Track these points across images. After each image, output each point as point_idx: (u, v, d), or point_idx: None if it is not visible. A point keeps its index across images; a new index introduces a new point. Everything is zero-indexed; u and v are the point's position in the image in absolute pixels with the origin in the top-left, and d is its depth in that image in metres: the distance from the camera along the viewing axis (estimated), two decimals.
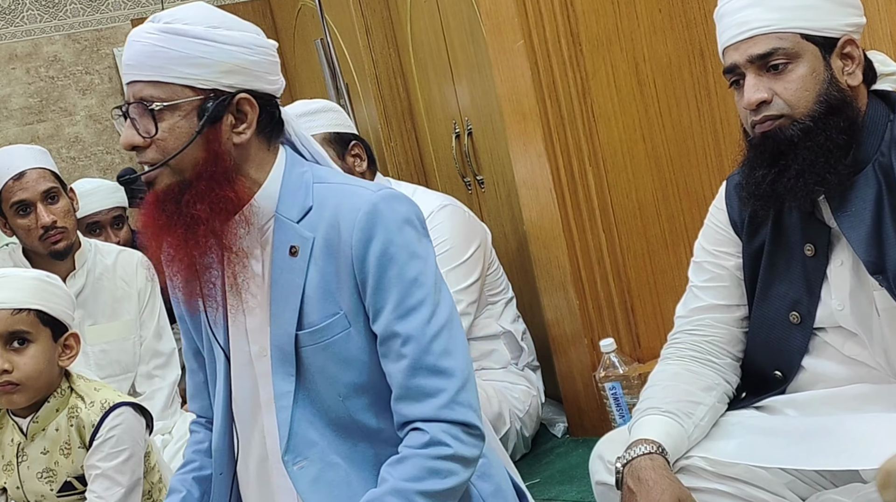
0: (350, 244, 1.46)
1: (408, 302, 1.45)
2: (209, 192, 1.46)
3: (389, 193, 1.50)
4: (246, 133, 1.49)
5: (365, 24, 3.64)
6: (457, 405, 1.45)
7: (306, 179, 1.53)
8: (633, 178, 2.71)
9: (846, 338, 1.60)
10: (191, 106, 1.46)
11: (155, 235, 1.50)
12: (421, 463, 1.43)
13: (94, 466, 1.90)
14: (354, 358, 1.49)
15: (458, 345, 1.48)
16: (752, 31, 1.55)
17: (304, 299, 1.48)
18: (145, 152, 1.47)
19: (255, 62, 1.49)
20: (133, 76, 1.47)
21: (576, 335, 2.77)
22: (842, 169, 1.53)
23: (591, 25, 2.65)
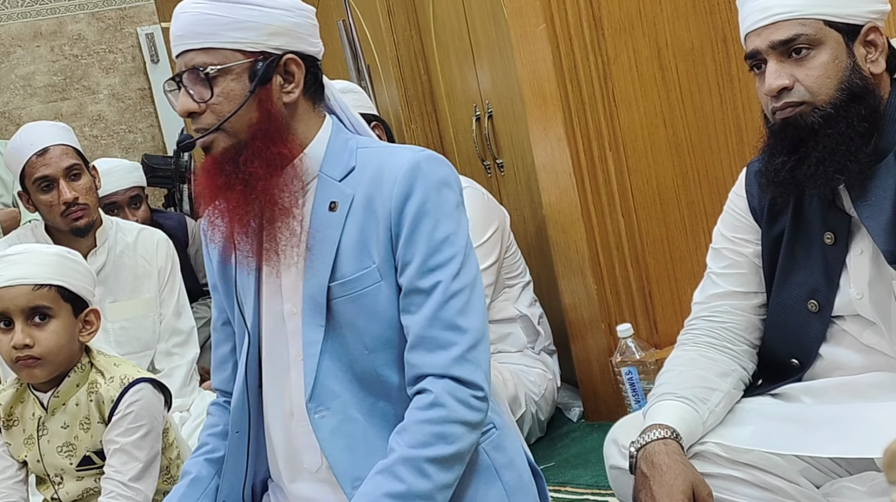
0: (390, 197, 1.50)
1: (436, 258, 1.50)
2: (265, 150, 1.51)
3: (432, 154, 1.55)
4: (294, 92, 1.55)
5: (387, 6, 3.63)
6: (466, 362, 1.48)
7: (350, 145, 1.59)
8: (653, 164, 2.71)
9: (864, 327, 1.59)
10: (242, 68, 1.51)
11: (213, 197, 1.54)
12: (427, 430, 1.45)
13: (112, 441, 1.92)
14: (383, 311, 1.52)
15: (476, 307, 1.52)
16: (775, 16, 1.54)
17: (339, 252, 1.52)
18: (201, 118, 1.52)
19: (297, 24, 1.55)
20: (184, 46, 1.53)
21: (593, 320, 2.77)
22: (863, 157, 1.52)
23: (613, 9, 2.64)
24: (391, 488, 1.43)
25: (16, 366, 1.90)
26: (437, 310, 1.48)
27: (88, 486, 1.97)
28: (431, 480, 1.44)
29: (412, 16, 3.65)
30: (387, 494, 1.43)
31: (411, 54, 3.67)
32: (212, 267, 1.69)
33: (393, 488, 1.43)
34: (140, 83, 5.34)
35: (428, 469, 1.44)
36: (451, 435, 1.46)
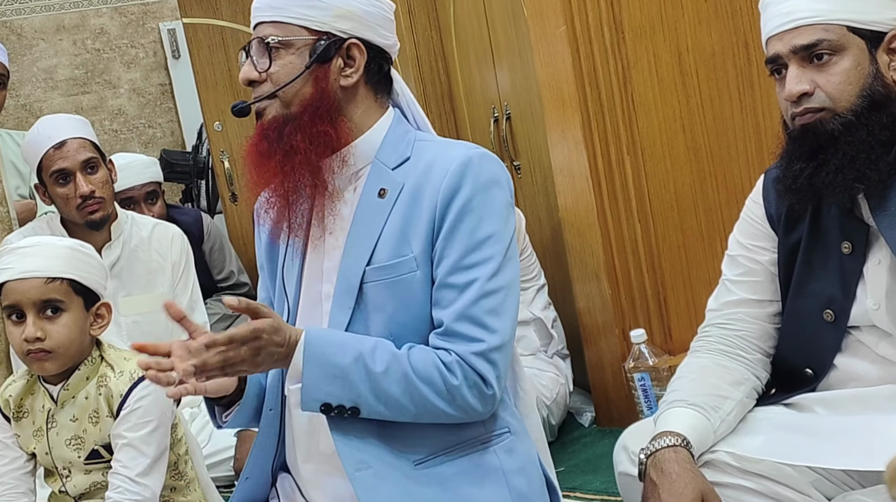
0: (438, 190, 1.51)
1: (474, 256, 1.50)
2: (310, 126, 1.54)
3: (486, 152, 1.56)
4: (352, 77, 1.57)
5: (408, 5, 3.63)
6: (485, 360, 1.48)
7: (409, 137, 1.61)
8: (671, 169, 2.69)
9: (880, 338, 1.57)
10: (304, 44, 1.55)
11: (255, 163, 1.58)
12: (433, 373, 1.47)
13: (120, 435, 1.92)
14: (414, 300, 1.52)
15: (508, 311, 1.52)
16: (798, 21, 1.53)
17: (380, 237, 1.54)
18: (260, 87, 1.57)
19: (368, 12, 1.58)
20: (258, 18, 1.59)
21: (607, 324, 2.75)
22: (883, 166, 1.50)
23: (634, 13, 2.62)
24: (369, 362, 1.46)
25: (27, 358, 1.90)
26: (468, 307, 1.48)
27: (96, 480, 1.97)
28: (392, 395, 1.47)
29: (433, 15, 3.64)
30: (357, 358, 1.46)
31: (431, 54, 3.67)
32: (261, 246, 1.72)
33: (370, 364, 1.46)
34: (161, 78, 5.35)
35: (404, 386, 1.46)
36: (446, 396, 1.48)
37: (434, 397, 1.48)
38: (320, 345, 1.48)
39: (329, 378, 1.47)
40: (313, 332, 1.50)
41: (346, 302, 1.54)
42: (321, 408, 1.48)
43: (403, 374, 1.47)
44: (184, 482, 2.06)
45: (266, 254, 1.71)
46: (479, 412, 1.51)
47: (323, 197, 1.58)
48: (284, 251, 1.65)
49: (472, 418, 1.52)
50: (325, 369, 1.47)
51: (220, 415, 1.65)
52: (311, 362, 1.47)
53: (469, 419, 1.51)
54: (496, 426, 1.57)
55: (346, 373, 1.47)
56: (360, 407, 1.48)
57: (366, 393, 1.47)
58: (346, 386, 1.47)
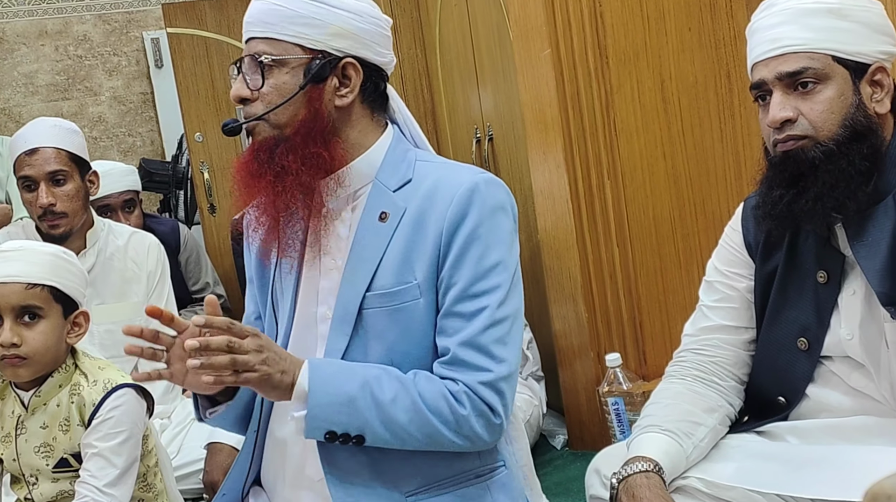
0: (444, 216, 1.48)
1: (481, 284, 1.47)
2: (303, 147, 1.50)
3: (491, 178, 1.53)
4: (348, 97, 1.53)
5: (394, 23, 3.63)
6: (493, 390, 1.45)
7: (410, 157, 1.57)
8: (650, 195, 2.70)
9: (853, 369, 1.58)
10: (298, 63, 1.51)
11: (245, 183, 1.54)
12: (441, 403, 1.44)
13: (90, 445, 1.89)
14: (417, 328, 1.49)
15: (515, 340, 1.50)
16: (784, 48, 1.54)
17: (381, 263, 1.50)
18: (251, 105, 1.53)
19: (364, 30, 1.54)
20: (250, 33, 1.55)
21: (582, 348, 2.76)
22: (861, 196, 1.52)
23: (619, 39, 2.64)
24: (376, 390, 1.43)
25: (1, 363, 1.88)
26: (476, 336, 1.45)
27: (63, 488, 1.94)
28: (400, 423, 1.43)
29: (418, 34, 3.66)
30: (364, 385, 1.42)
31: (415, 72, 3.68)
32: (251, 259, 1.68)
33: (377, 392, 1.43)
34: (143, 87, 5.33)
35: (412, 415, 1.43)
36: (451, 423, 1.45)
37: (442, 427, 1.44)
38: (326, 372, 1.44)
39: (336, 405, 1.42)
40: (316, 359, 1.47)
41: (345, 328, 1.50)
42: (325, 436, 1.44)
43: (412, 403, 1.44)
44: (152, 494, 2.04)
45: (256, 270, 1.67)
46: (486, 442, 1.48)
47: (318, 218, 1.54)
48: (274, 271, 1.62)
49: (478, 448, 1.49)
50: (332, 397, 1.42)
51: (206, 410, 1.61)
52: (316, 389, 1.42)
53: (475, 449, 1.49)
54: (491, 459, 1.54)
55: (353, 400, 1.42)
56: (366, 435, 1.44)
57: (373, 421, 1.43)
58: (353, 413, 1.42)
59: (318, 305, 1.56)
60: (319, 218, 1.54)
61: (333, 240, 1.54)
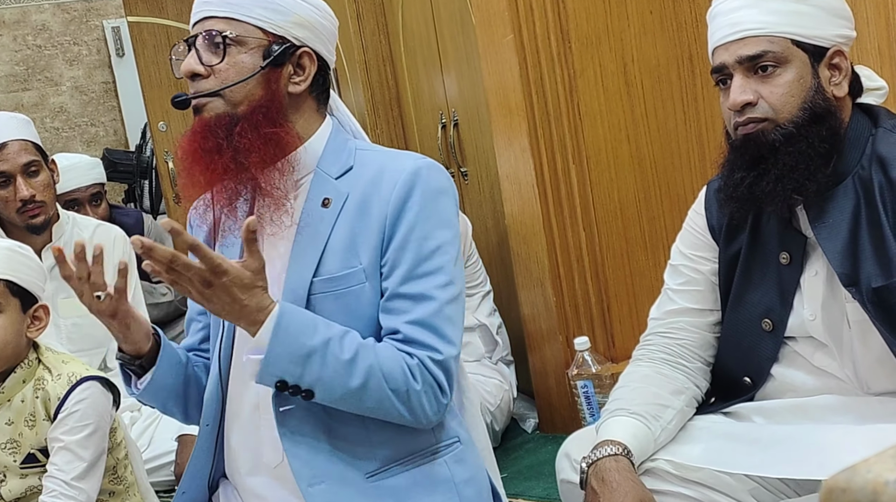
0: (388, 201, 1.50)
1: (426, 265, 1.49)
2: (263, 126, 1.51)
3: (433, 163, 1.55)
4: (301, 85, 1.55)
5: (356, 10, 3.62)
6: (442, 369, 1.48)
7: (350, 146, 1.59)
8: (615, 178, 2.71)
9: (816, 349, 1.60)
10: (258, 44, 1.53)
11: (200, 159, 1.52)
12: (399, 370, 1.46)
13: (57, 439, 1.88)
14: (364, 311, 1.51)
15: (459, 320, 1.53)
16: (744, 32, 1.55)
17: (326, 248, 1.52)
18: (203, 81, 1.53)
19: (322, 25, 1.58)
20: (208, 12, 1.54)
21: (551, 332, 2.77)
22: (821, 178, 1.53)
23: (581, 24, 2.64)
24: (336, 349, 1.43)
25: None
26: (427, 316, 1.48)
27: (32, 484, 1.93)
28: (353, 385, 1.44)
29: (381, 20, 3.64)
30: (326, 342, 1.43)
31: (379, 59, 3.66)
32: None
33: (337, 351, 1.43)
34: (104, 76, 5.27)
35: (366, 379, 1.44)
36: (402, 393, 1.46)
37: (392, 395, 1.46)
38: (291, 322, 1.43)
39: (293, 356, 1.42)
40: (287, 308, 1.45)
41: None
42: (276, 385, 1.44)
43: (369, 366, 1.45)
44: (123, 486, 2.03)
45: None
46: (430, 418, 1.50)
47: (262, 202, 1.54)
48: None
49: (419, 424, 1.50)
50: (292, 348, 1.42)
51: (135, 382, 1.61)
52: (278, 337, 1.41)
53: (417, 424, 1.50)
54: (445, 436, 1.56)
55: (312, 354, 1.43)
56: (316, 390, 1.44)
57: (326, 377, 1.43)
58: (309, 367, 1.43)
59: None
60: (263, 203, 1.54)
61: (276, 228, 1.54)
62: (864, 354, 1.54)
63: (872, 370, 1.54)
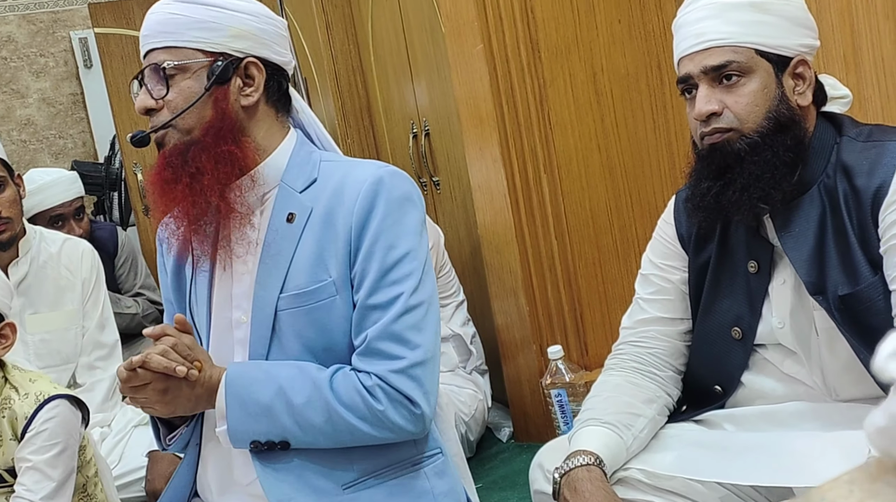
0: (352, 212, 1.50)
1: (393, 274, 1.49)
2: (215, 146, 1.51)
3: (396, 170, 1.55)
4: (253, 96, 1.55)
5: (326, 20, 3.61)
6: (407, 377, 1.46)
7: (314, 157, 1.58)
8: (587, 187, 2.72)
9: (785, 356, 1.61)
10: (200, 66, 1.52)
11: (161, 192, 1.53)
12: (356, 399, 1.46)
13: (24, 459, 1.86)
14: (336, 325, 1.51)
15: (430, 326, 1.51)
16: (709, 42, 1.56)
17: (292, 263, 1.51)
18: (158, 114, 1.54)
19: (263, 30, 1.56)
20: (150, 45, 1.55)
21: (525, 341, 2.77)
22: (787, 186, 1.54)
23: (550, 33, 2.65)
24: (290, 394, 1.45)
25: None
26: (390, 324, 1.47)
27: None
28: (317, 424, 1.46)
29: (350, 30, 3.64)
30: (278, 391, 1.45)
31: (349, 68, 3.66)
32: (166, 279, 1.68)
33: (291, 396, 1.45)
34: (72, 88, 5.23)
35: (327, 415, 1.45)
36: (372, 420, 1.46)
37: (359, 422, 1.46)
38: (241, 384, 1.47)
39: (253, 416, 1.46)
40: (234, 371, 1.48)
41: (263, 332, 1.52)
42: (251, 446, 1.47)
43: (325, 403, 1.45)
44: None
45: (172, 284, 1.67)
46: (411, 431, 1.49)
47: (228, 220, 1.54)
48: (191, 278, 1.62)
49: (404, 438, 1.50)
50: (248, 408, 1.46)
51: (165, 438, 1.62)
52: (233, 403, 1.46)
53: (401, 439, 1.50)
54: (427, 447, 1.56)
55: (269, 408, 1.46)
56: (290, 439, 1.47)
57: (291, 426, 1.46)
58: (272, 422, 1.46)
59: (233, 310, 1.57)
60: (229, 221, 1.54)
61: (243, 244, 1.55)
62: (832, 361, 1.55)
63: (840, 377, 1.55)
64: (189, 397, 1.47)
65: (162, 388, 1.45)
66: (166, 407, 1.47)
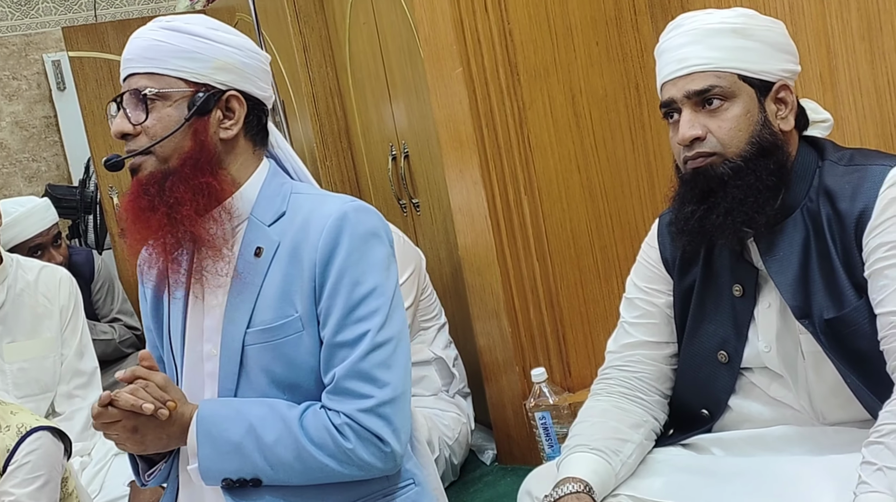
0: (316, 248, 1.49)
1: (359, 311, 1.49)
2: (193, 177, 1.51)
3: (361, 205, 1.55)
4: (233, 129, 1.55)
5: (303, 42, 3.61)
6: (376, 416, 1.47)
7: (285, 190, 1.58)
8: (567, 208, 2.73)
9: (772, 380, 1.62)
10: (182, 96, 1.52)
11: (136, 219, 1.52)
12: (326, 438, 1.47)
13: (7, 492, 1.84)
14: (303, 361, 1.51)
15: (399, 362, 1.51)
16: (692, 67, 1.57)
17: (259, 298, 1.51)
18: (134, 140, 1.53)
19: (247, 64, 1.57)
20: (131, 69, 1.54)
21: (507, 363, 2.77)
22: (770, 211, 1.55)
23: (529, 56, 2.66)
24: (260, 432, 1.46)
25: None
26: (358, 362, 1.47)
27: None
28: (287, 462, 1.47)
29: (328, 52, 3.64)
30: (249, 429, 1.46)
31: (327, 91, 3.66)
32: (146, 306, 1.68)
33: (262, 434, 1.46)
34: (45, 111, 5.19)
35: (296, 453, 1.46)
36: (341, 459, 1.47)
37: (329, 460, 1.47)
38: (212, 422, 1.48)
39: (224, 455, 1.46)
40: (205, 409, 1.49)
41: (232, 367, 1.53)
42: (223, 483, 1.48)
43: (295, 442, 1.47)
44: None
45: (152, 313, 1.67)
46: (381, 469, 1.50)
47: (202, 251, 1.54)
48: (168, 310, 1.62)
49: (374, 475, 1.51)
50: (219, 446, 1.47)
51: (144, 474, 1.62)
52: (204, 441, 1.47)
53: (371, 476, 1.51)
54: (401, 479, 1.56)
55: (240, 447, 1.47)
56: (261, 477, 1.47)
57: (262, 464, 1.47)
58: (243, 460, 1.47)
59: (204, 343, 1.57)
60: (202, 253, 1.54)
61: (215, 277, 1.54)
62: (819, 385, 1.56)
63: (827, 400, 1.56)
64: (160, 435, 1.48)
65: (132, 426, 1.46)
66: (137, 445, 1.48)
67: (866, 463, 1.36)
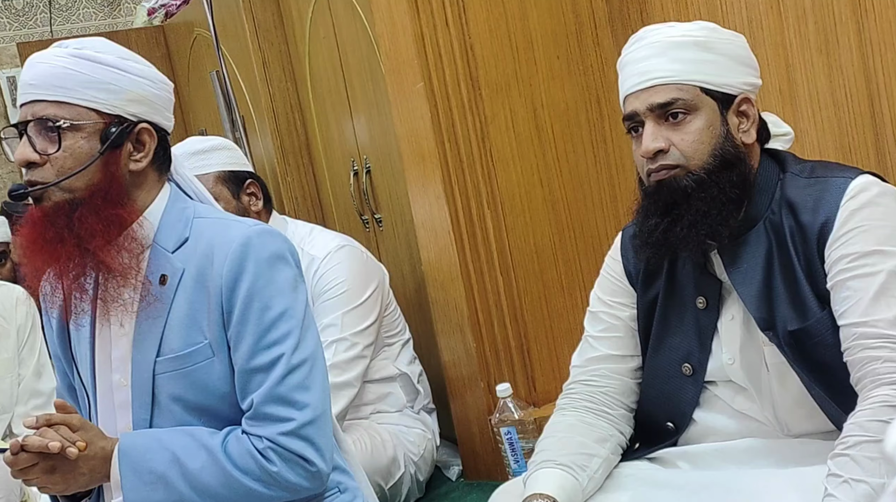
0: (221, 274, 1.49)
1: (270, 336, 1.48)
2: (103, 209, 1.49)
3: (264, 228, 1.53)
4: (142, 162, 1.54)
5: (262, 57, 3.58)
6: (298, 438, 1.47)
7: (187, 214, 1.57)
8: (530, 222, 2.73)
9: (736, 392, 1.62)
10: (94, 128, 1.50)
11: (42, 249, 1.49)
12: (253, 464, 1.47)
13: None
14: (216, 387, 1.51)
15: (316, 382, 1.51)
16: (654, 80, 1.57)
17: (166, 326, 1.50)
18: (39, 170, 1.49)
19: (157, 95, 1.56)
20: (36, 95, 1.49)
21: (472, 378, 2.75)
22: (733, 223, 1.56)
23: (490, 70, 2.66)
24: (185, 461, 1.46)
25: None
26: (275, 387, 1.47)
27: None
28: (214, 489, 1.47)
29: (288, 67, 3.61)
30: (173, 459, 1.46)
31: (287, 106, 3.63)
32: (52, 334, 1.65)
33: (186, 462, 1.46)
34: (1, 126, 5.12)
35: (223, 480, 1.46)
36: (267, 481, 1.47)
37: (256, 485, 1.47)
38: (135, 454, 1.46)
39: (148, 485, 1.45)
40: (126, 441, 1.48)
41: (144, 398, 1.52)
42: None
43: (220, 468, 1.46)
44: None
45: (59, 341, 1.64)
46: (308, 489, 1.51)
47: (108, 279, 1.51)
48: (74, 336, 1.60)
49: (304, 495, 1.51)
50: (143, 477, 1.46)
51: None
52: (127, 473, 1.45)
53: (300, 497, 1.51)
54: (326, 488, 1.56)
55: (164, 477, 1.46)
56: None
57: (188, 492, 1.46)
58: (168, 490, 1.46)
59: (113, 372, 1.56)
60: (107, 281, 1.52)
61: (120, 306, 1.52)
62: (783, 396, 1.56)
63: (791, 412, 1.56)
64: (82, 472, 1.46)
65: (49, 467, 1.44)
66: (58, 485, 1.46)
67: (832, 475, 1.36)
